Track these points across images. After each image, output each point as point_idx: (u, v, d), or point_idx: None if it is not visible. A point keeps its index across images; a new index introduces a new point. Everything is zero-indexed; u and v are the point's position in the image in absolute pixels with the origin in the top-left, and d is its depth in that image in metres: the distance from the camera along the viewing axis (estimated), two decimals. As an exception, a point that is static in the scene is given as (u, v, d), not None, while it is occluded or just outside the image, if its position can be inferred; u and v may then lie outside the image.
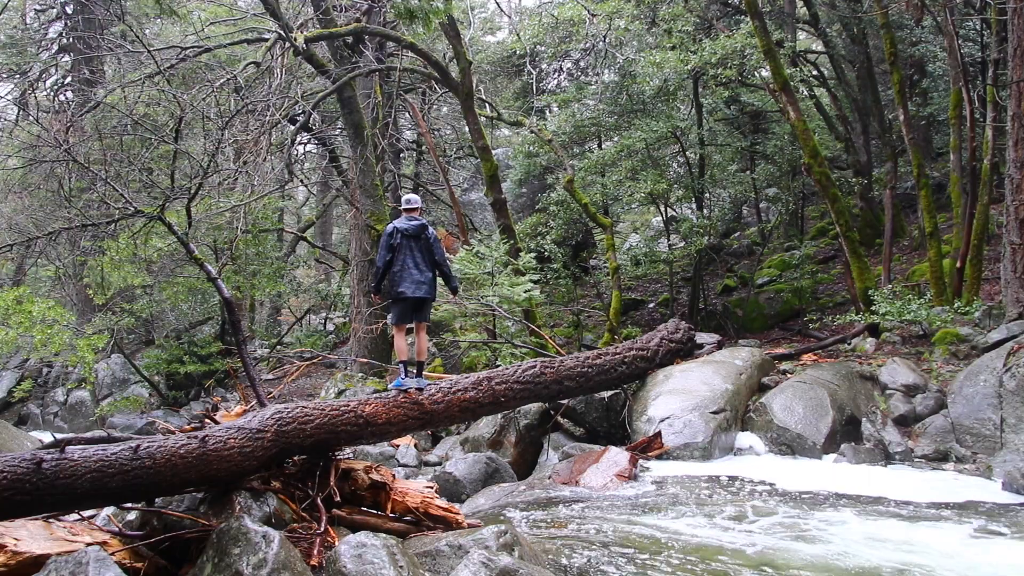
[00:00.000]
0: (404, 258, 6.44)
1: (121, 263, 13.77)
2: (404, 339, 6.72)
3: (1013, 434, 7.17)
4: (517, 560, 4.04)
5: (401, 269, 6.43)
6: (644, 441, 8.24)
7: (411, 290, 6.41)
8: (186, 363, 17.49)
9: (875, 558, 4.83)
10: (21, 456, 4.10)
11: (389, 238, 6.46)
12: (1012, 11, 9.52)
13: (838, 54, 17.50)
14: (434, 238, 6.55)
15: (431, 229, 6.60)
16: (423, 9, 8.03)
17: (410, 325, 6.75)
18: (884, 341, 10.82)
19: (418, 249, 6.48)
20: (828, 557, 4.86)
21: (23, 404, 19.11)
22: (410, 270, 6.42)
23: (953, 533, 5.40)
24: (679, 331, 10.32)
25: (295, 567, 3.92)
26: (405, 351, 6.71)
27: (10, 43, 20.93)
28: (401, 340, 6.70)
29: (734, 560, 4.80)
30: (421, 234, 6.50)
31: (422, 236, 6.50)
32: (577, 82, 19.89)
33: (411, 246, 6.46)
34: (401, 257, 6.45)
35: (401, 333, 6.71)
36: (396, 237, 6.44)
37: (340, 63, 14.38)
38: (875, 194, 16.22)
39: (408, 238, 6.46)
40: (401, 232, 6.46)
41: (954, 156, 11.53)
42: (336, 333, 22.89)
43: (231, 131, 12.87)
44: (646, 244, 17.81)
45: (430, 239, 6.51)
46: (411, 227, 6.48)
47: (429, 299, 6.58)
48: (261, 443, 5.04)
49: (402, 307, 6.54)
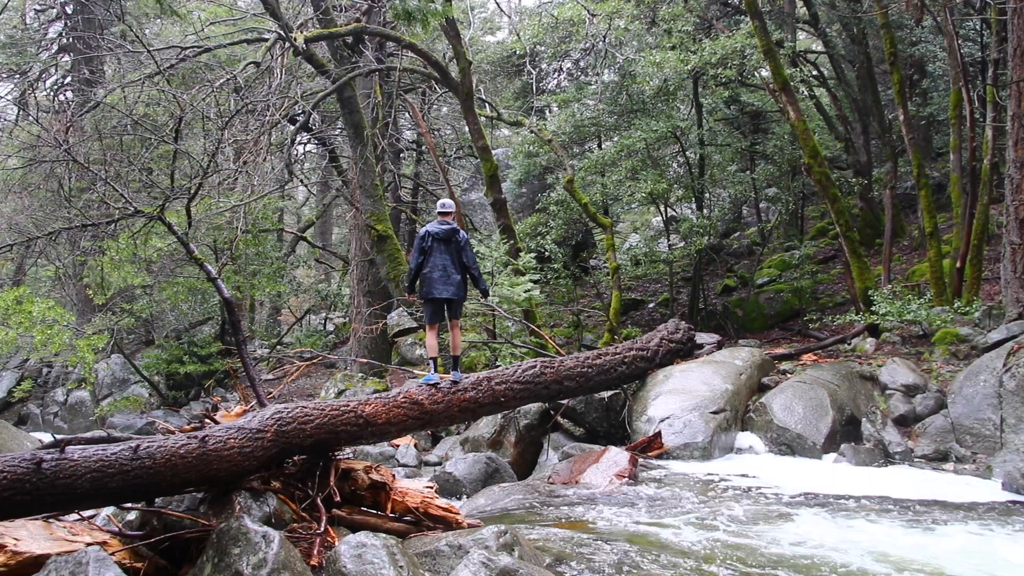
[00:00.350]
0: (434, 260, 6.77)
1: (121, 263, 13.76)
2: (435, 337, 7.03)
3: (1013, 434, 7.17)
4: (517, 560, 4.04)
5: (431, 271, 6.76)
6: (644, 441, 8.24)
7: (439, 291, 6.75)
8: (186, 363, 17.50)
9: (875, 558, 4.83)
10: (21, 456, 4.10)
11: (421, 241, 6.82)
12: (1012, 11, 9.52)
13: (838, 54, 17.51)
14: (464, 241, 6.87)
15: (462, 233, 6.89)
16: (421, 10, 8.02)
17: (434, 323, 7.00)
18: (884, 341, 10.82)
19: (447, 252, 6.79)
20: (827, 556, 4.86)
21: (23, 404, 19.11)
22: (439, 272, 6.74)
23: (953, 533, 5.40)
24: (679, 331, 10.32)
25: (295, 567, 3.92)
26: (435, 349, 7.02)
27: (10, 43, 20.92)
28: (432, 338, 7.02)
29: (734, 560, 4.80)
30: (452, 237, 6.81)
31: (452, 239, 6.81)
32: (577, 82, 19.88)
33: (441, 249, 6.79)
34: (431, 259, 6.77)
35: (433, 332, 7.01)
36: (427, 240, 6.79)
37: (340, 63, 14.38)
38: (875, 194, 16.22)
39: (439, 241, 6.79)
40: (432, 235, 6.79)
41: (954, 156, 11.54)
42: (336, 333, 22.90)
43: (231, 131, 12.86)
44: (646, 244, 17.80)
45: (460, 242, 6.83)
46: (442, 231, 6.81)
47: (457, 299, 6.87)
48: (261, 443, 5.04)
49: (432, 307, 6.90)
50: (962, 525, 5.55)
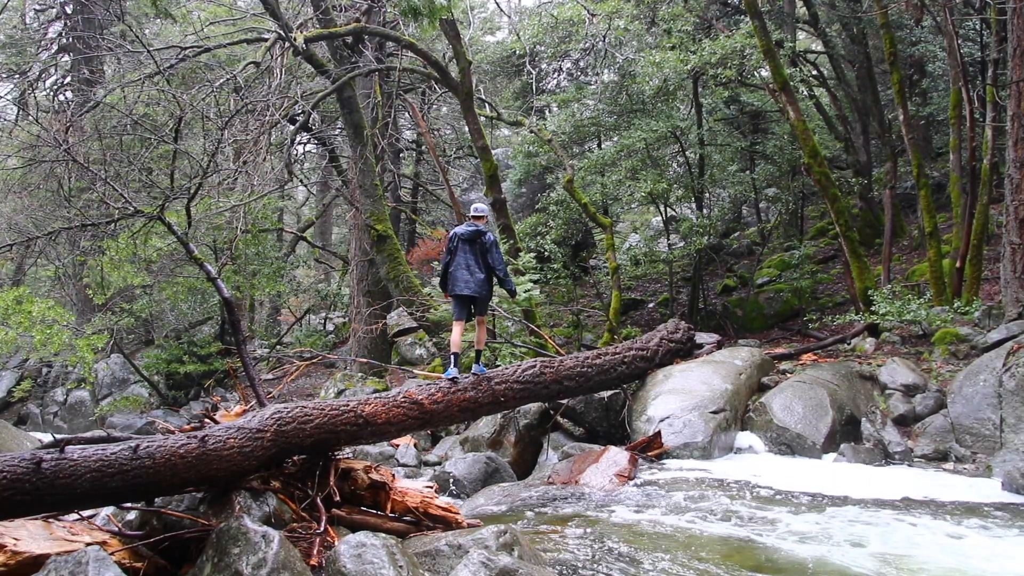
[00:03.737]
0: (459, 259, 7.22)
1: (121, 263, 13.75)
2: (459, 333, 7.35)
3: (1013, 434, 7.17)
4: (517, 560, 4.04)
5: (455, 269, 7.21)
6: (644, 441, 8.23)
7: (461, 288, 7.18)
8: (186, 363, 17.51)
9: (874, 558, 4.83)
10: (21, 456, 4.09)
11: (449, 242, 7.32)
12: (1012, 11, 9.52)
13: (838, 54, 17.50)
14: (491, 243, 7.26)
15: (489, 235, 7.28)
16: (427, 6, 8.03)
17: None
18: (884, 341, 10.82)
19: (472, 252, 7.22)
20: (826, 556, 4.86)
21: (23, 404, 19.11)
22: (463, 271, 7.18)
23: (952, 533, 5.40)
24: (679, 331, 10.32)
25: (295, 567, 3.92)
26: (457, 344, 7.34)
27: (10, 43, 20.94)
28: (456, 333, 7.35)
29: (734, 560, 4.80)
30: (477, 239, 7.24)
31: (477, 241, 7.24)
32: (577, 82, 19.88)
33: (466, 249, 7.23)
34: (457, 258, 7.22)
35: (458, 327, 7.35)
36: (454, 241, 7.28)
37: (340, 63, 14.37)
38: (875, 194, 16.22)
39: (464, 242, 7.24)
40: (459, 237, 7.26)
41: (954, 156, 11.53)
42: (336, 333, 22.90)
43: (231, 131, 12.83)
44: (646, 244, 17.80)
45: (486, 244, 7.24)
46: (467, 232, 7.26)
47: (480, 297, 7.24)
48: (261, 443, 5.04)
49: (458, 303, 7.31)
50: (962, 525, 5.55)
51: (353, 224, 17.64)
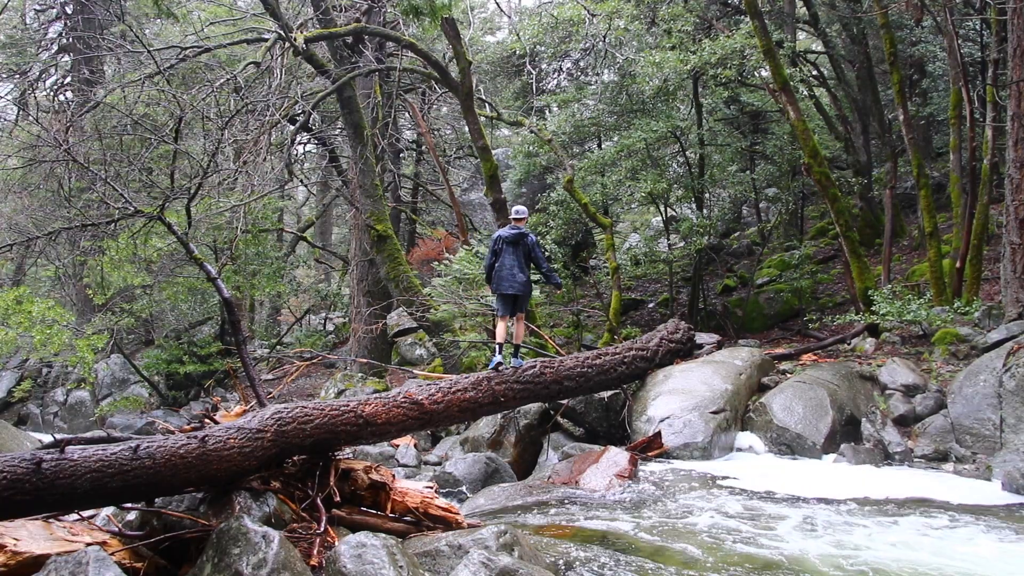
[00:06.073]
0: (503, 260, 7.72)
1: (121, 263, 13.75)
2: (504, 327, 7.86)
3: (1013, 434, 7.17)
4: (517, 560, 4.04)
5: (499, 269, 7.73)
6: (644, 441, 8.24)
7: (506, 287, 7.68)
8: (186, 363, 17.50)
9: (874, 558, 4.83)
10: (21, 456, 4.09)
11: (493, 244, 7.83)
12: (1012, 11, 9.53)
13: (838, 54, 17.50)
14: (533, 244, 7.76)
15: (531, 236, 7.78)
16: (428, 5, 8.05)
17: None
18: (884, 341, 10.82)
19: (514, 253, 7.71)
20: (826, 556, 4.86)
21: (23, 404, 19.12)
22: (507, 271, 7.67)
23: (952, 533, 5.40)
24: (679, 331, 10.32)
25: (295, 567, 3.92)
26: (502, 336, 7.88)
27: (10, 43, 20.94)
28: (500, 327, 7.88)
29: (734, 559, 4.80)
30: (520, 241, 7.73)
31: (520, 243, 7.73)
32: (577, 82, 19.88)
33: (510, 251, 7.71)
34: (501, 259, 7.73)
35: (503, 322, 7.86)
36: (499, 243, 7.79)
37: (340, 63, 14.38)
38: (875, 194, 16.22)
39: (508, 244, 7.73)
40: (503, 239, 7.76)
41: (954, 156, 11.53)
42: (336, 333, 22.91)
43: (231, 131, 12.85)
44: (646, 244, 17.80)
45: (529, 245, 7.74)
46: (511, 235, 7.74)
47: (521, 295, 7.75)
48: (261, 443, 5.03)
49: (503, 301, 7.80)
50: (961, 525, 5.55)
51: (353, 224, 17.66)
